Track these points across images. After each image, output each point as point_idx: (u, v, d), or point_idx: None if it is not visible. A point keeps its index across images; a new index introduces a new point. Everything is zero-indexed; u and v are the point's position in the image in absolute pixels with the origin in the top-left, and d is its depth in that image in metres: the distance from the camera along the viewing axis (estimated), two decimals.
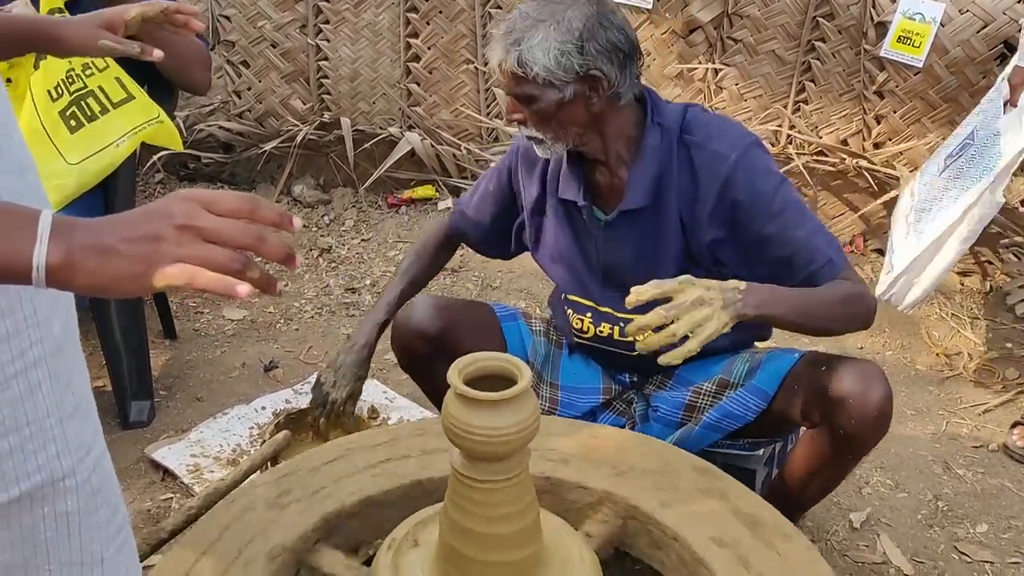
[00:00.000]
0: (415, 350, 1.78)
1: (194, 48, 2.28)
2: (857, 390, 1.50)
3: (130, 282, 0.72)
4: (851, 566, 1.95)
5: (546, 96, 1.54)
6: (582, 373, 1.86)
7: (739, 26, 3.27)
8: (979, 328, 2.96)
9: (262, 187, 3.97)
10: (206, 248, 0.74)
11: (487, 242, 1.97)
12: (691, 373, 1.77)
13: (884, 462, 2.29)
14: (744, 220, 1.59)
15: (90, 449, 0.89)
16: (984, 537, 2.05)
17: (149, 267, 0.72)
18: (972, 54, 2.89)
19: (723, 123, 1.67)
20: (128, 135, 2.15)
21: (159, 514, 2.04)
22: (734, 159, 1.58)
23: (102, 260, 0.72)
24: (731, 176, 1.58)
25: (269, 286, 0.78)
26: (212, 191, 0.78)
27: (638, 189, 1.62)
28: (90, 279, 0.72)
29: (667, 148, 1.62)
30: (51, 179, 2.07)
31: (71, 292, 0.76)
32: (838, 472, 1.65)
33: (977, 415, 2.53)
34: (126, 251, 0.72)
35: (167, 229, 0.73)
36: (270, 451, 1.84)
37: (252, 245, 0.76)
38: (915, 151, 3.12)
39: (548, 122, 1.57)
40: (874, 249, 3.38)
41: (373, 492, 1.35)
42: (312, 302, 3.14)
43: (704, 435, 1.73)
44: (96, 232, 0.73)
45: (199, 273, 0.73)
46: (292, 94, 3.83)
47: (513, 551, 1.09)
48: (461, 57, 3.64)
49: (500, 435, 1.00)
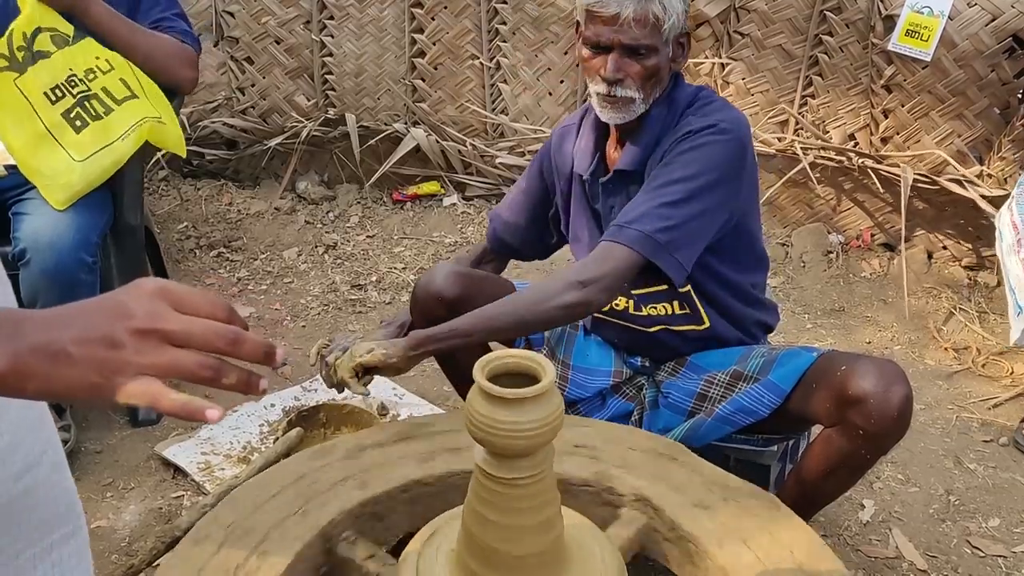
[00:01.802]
0: (434, 313, 1.76)
1: (172, 47, 2.26)
2: (878, 390, 1.49)
3: (86, 392, 0.64)
4: (864, 561, 1.95)
5: (663, 50, 1.59)
6: (595, 354, 1.89)
7: (746, 20, 3.26)
8: (987, 322, 2.95)
9: (266, 183, 3.96)
10: (172, 355, 0.65)
11: (527, 241, 1.99)
12: (704, 360, 1.78)
13: (895, 457, 2.29)
14: None
15: None
16: (996, 531, 2.05)
17: (107, 377, 0.63)
18: (980, 47, 2.88)
19: (722, 106, 1.68)
20: (134, 128, 2.14)
21: (171, 512, 2.03)
22: (693, 129, 1.61)
23: (53, 365, 0.62)
24: (679, 140, 1.62)
25: (250, 387, 0.68)
26: (182, 286, 0.69)
27: (632, 153, 1.69)
28: (42, 386, 0.63)
29: (670, 120, 1.67)
30: (58, 178, 2.06)
31: (22, 399, 0.65)
32: (855, 471, 1.64)
33: (987, 409, 2.53)
34: (80, 356, 0.63)
35: (126, 334, 0.64)
36: (283, 448, 1.84)
37: (227, 349, 0.67)
38: (923, 145, 3.11)
39: (651, 78, 1.60)
40: (881, 243, 3.37)
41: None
42: (318, 299, 3.13)
43: (716, 428, 1.73)
44: (47, 329, 0.63)
45: (162, 396, 0.64)
46: (296, 90, 3.82)
47: (535, 547, 1.08)
48: (466, 53, 3.63)
49: (524, 431, 1.00)
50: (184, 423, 2.37)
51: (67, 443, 2.16)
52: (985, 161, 3.06)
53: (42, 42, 2.06)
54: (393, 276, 3.28)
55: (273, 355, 0.69)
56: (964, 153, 3.07)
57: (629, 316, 1.79)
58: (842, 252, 3.35)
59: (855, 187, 3.34)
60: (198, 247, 3.47)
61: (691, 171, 1.58)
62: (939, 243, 3.28)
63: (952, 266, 3.26)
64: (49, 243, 2.01)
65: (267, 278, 3.28)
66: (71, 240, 2.03)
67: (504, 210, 1.98)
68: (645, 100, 1.63)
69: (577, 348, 1.90)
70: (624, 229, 1.57)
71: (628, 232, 1.57)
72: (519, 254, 2.04)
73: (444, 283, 1.74)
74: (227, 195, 3.88)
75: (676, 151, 1.61)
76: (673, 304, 1.76)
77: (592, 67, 1.62)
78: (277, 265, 3.37)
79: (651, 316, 1.78)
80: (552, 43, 3.53)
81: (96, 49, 2.13)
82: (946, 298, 3.09)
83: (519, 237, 1.97)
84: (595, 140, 1.76)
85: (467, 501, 1.10)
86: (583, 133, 1.80)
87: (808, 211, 3.45)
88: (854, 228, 3.40)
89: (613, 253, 1.57)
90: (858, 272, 3.28)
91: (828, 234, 3.42)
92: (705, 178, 1.58)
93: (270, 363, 0.70)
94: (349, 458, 1.46)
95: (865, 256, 3.34)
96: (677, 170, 1.59)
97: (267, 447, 2.20)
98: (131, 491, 2.12)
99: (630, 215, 1.59)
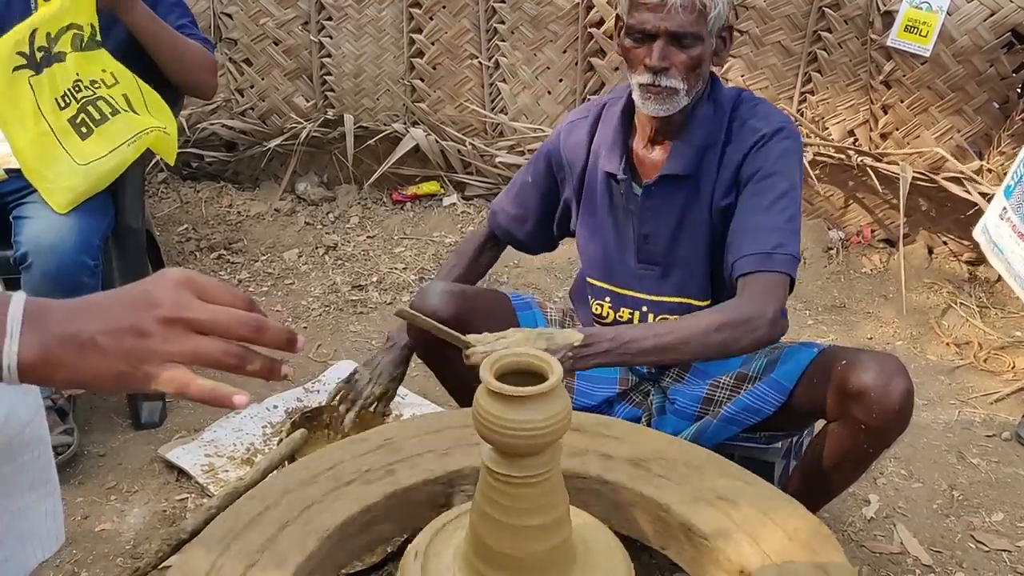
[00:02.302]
0: (430, 334, 1.76)
1: (200, 54, 2.29)
2: (878, 384, 1.49)
3: (114, 381, 0.65)
4: (869, 556, 1.95)
5: (707, 40, 1.58)
6: None
7: (744, 17, 3.26)
8: (989, 317, 2.96)
9: (266, 185, 3.96)
10: (198, 342, 0.66)
11: (531, 234, 1.96)
12: (709, 366, 1.77)
13: (898, 452, 2.29)
14: (742, 190, 1.64)
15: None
16: (1000, 526, 2.05)
17: (135, 366, 0.64)
18: (979, 43, 2.88)
19: (768, 106, 1.70)
20: (138, 135, 2.15)
21: (175, 515, 2.03)
22: (765, 132, 1.62)
23: (82, 355, 0.64)
24: (755, 147, 1.62)
25: (273, 373, 0.71)
26: (205, 277, 0.70)
27: (683, 156, 1.66)
28: (70, 375, 0.64)
29: (719, 122, 1.66)
30: (60, 181, 2.06)
31: (50, 387, 0.71)
32: (858, 466, 1.64)
33: (989, 404, 2.53)
34: (108, 346, 0.64)
35: (153, 323, 0.65)
36: (287, 450, 1.84)
37: (250, 336, 0.68)
38: (922, 140, 3.11)
39: (695, 69, 1.58)
40: (881, 239, 3.38)
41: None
42: (319, 300, 3.13)
43: (722, 429, 1.73)
44: (74, 319, 0.65)
45: (190, 383, 0.66)
46: (295, 91, 3.82)
47: (542, 547, 1.08)
48: (465, 52, 3.63)
49: (531, 430, 1.00)
50: (187, 427, 2.37)
51: (70, 447, 2.15)
52: (985, 156, 3.06)
53: (64, 42, 2.07)
54: (394, 276, 3.28)
55: (295, 341, 0.71)
56: (964, 148, 3.07)
57: None
58: (842, 248, 3.36)
59: (855, 184, 3.34)
60: (198, 249, 3.47)
61: (791, 181, 1.61)
62: (939, 239, 3.28)
63: (952, 261, 3.26)
64: (51, 246, 2.01)
65: (268, 280, 3.28)
66: (73, 243, 2.03)
67: (508, 204, 1.95)
68: (688, 92, 1.60)
69: None
70: (773, 256, 1.55)
71: (779, 258, 1.55)
72: (524, 246, 2.02)
73: (439, 303, 1.70)
74: (227, 197, 3.88)
75: (767, 160, 1.60)
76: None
77: (636, 57, 1.60)
78: (278, 267, 3.37)
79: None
80: (551, 42, 3.53)
81: (105, 61, 2.16)
82: (947, 293, 3.09)
83: (525, 230, 1.95)
84: (622, 138, 1.73)
85: (474, 501, 1.10)
86: (604, 129, 1.76)
87: (808, 208, 3.45)
88: (854, 224, 3.40)
89: (773, 281, 1.54)
90: (859, 268, 3.29)
91: (828, 230, 3.42)
92: (799, 184, 1.63)
93: (292, 349, 0.72)
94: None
95: (866, 252, 3.34)
96: (781, 182, 1.60)
97: (271, 448, 2.20)
98: (135, 494, 2.12)
99: (766, 237, 1.56)
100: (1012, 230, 2.51)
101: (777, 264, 1.55)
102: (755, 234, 1.57)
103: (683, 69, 1.57)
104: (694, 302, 1.73)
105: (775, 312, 1.51)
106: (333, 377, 2.57)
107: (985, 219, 2.67)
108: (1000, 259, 2.57)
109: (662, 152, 1.70)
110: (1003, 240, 2.54)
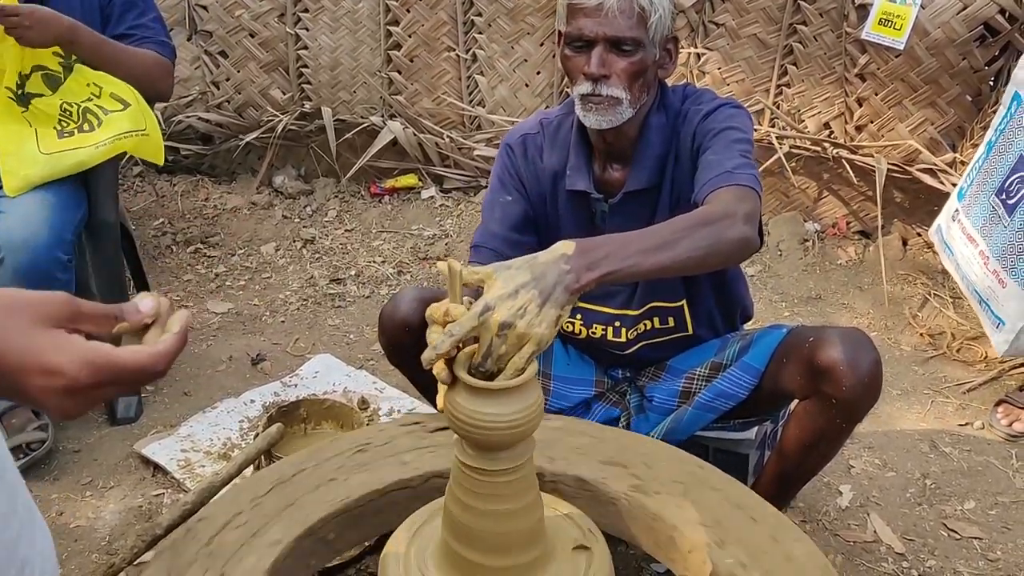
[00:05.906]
0: (402, 343, 1.71)
1: (149, 63, 2.28)
2: (846, 357, 1.50)
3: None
4: (842, 545, 1.98)
5: (649, 47, 1.55)
6: (575, 365, 1.86)
7: (721, 10, 3.27)
8: (961, 308, 2.99)
9: (243, 178, 3.93)
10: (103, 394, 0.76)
11: (520, 250, 1.78)
12: (683, 363, 1.78)
13: (872, 442, 2.32)
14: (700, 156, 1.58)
15: None
16: (972, 514, 2.08)
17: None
18: (952, 36, 2.90)
19: (712, 92, 1.69)
20: (112, 139, 2.16)
21: (151, 510, 2.02)
22: (709, 108, 1.60)
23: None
24: (703, 119, 1.60)
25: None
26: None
27: (645, 168, 1.63)
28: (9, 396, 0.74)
29: (671, 129, 1.64)
30: (20, 168, 2.10)
31: None
32: (833, 442, 1.65)
33: (961, 394, 2.57)
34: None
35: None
36: (264, 444, 1.82)
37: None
38: (896, 133, 3.14)
39: (637, 78, 1.55)
40: (856, 231, 3.41)
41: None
42: (297, 294, 3.12)
43: (698, 416, 1.74)
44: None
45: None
46: (271, 84, 3.79)
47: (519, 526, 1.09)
48: (442, 45, 3.62)
49: (505, 423, 1.00)
50: (163, 422, 2.36)
51: (44, 443, 2.14)
52: (958, 148, 3.09)
53: (34, 83, 2.13)
54: (372, 270, 3.28)
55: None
56: (937, 141, 3.10)
57: (607, 343, 1.77)
58: (818, 240, 3.38)
59: (830, 176, 3.37)
60: (175, 243, 3.45)
61: (744, 134, 1.56)
62: (913, 230, 3.31)
63: (927, 253, 3.29)
64: (23, 242, 1.99)
65: (245, 274, 3.26)
66: (45, 238, 2.01)
67: (497, 227, 1.72)
68: (632, 103, 1.56)
69: (557, 358, 1.85)
70: (735, 174, 1.46)
71: (741, 175, 1.46)
72: None
73: (408, 309, 1.65)
74: (203, 190, 3.86)
75: (716, 121, 1.57)
76: (654, 320, 1.75)
77: (575, 66, 1.56)
78: (255, 260, 3.36)
79: (630, 340, 1.75)
80: (528, 34, 3.53)
81: (87, 76, 2.19)
82: (921, 284, 3.13)
83: (518, 249, 1.63)
84: (586, 155, 1.68)
85: (448, 489, 1.10)
86: (565, 147, 1.70)
87: (784, 200, 3.47)
88: (830, 216, 3.43)
89: (739, 192, 1.43)
90: (834, 260, 3.31)
91: (804, 223, 3.45)
92: (752, 142, 1.57)
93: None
94: None
95: (841, 244, 3.37)
96: (734, 133, 1.55)
97: (247, 443, 2.20)
98: (111, 490, 2.10)
99: (727, 166, 1.48)
100: (962, 232, 2.54)
101: (740, 179, 1.45)
102: (716, 167, 1.50)
103: (624, 77, 1.54)
104: (666, 304, 1.72)
105: (746, 213, 1.38)
106: (310, 371, 2.57)
107: (939, 220, 2.71)
108: (950, 260, 2.61)
109: (622, 169, 1.67)
110: (954, 242, 2.58)
